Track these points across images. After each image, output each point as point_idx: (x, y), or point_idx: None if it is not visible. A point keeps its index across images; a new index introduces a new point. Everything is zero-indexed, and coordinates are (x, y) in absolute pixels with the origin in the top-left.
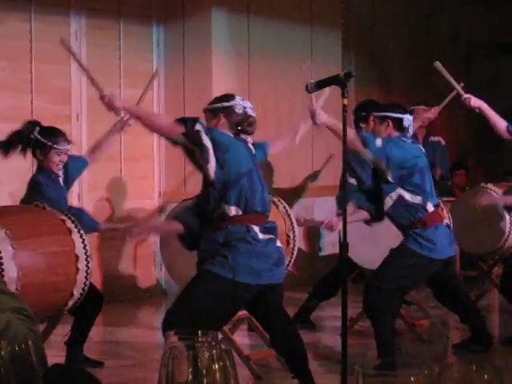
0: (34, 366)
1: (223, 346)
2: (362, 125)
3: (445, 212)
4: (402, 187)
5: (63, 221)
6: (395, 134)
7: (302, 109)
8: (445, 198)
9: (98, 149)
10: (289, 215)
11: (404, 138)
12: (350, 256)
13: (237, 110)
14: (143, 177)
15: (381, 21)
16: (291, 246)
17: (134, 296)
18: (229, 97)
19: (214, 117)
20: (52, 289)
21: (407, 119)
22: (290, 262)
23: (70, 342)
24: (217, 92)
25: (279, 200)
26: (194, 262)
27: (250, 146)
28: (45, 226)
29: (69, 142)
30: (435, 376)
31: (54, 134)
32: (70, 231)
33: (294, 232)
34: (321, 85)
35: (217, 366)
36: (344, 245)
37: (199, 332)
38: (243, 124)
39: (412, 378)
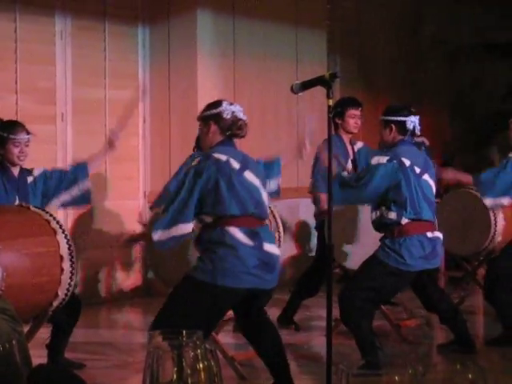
0: (18, 366)
1: (207, 346)
2: (338, 121)
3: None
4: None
5: (48, 221)
6: (399, 137)
7: (287, 109)
8: None
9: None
10: (274, 216)
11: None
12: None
13: (225, 116)
14: (128, 177)
15: (366, 22)
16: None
17: (118, 297)
18: (216, 103)
19: (205, 125)
20: (36, 289)
21: (411, 121)
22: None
23: (50, 347)
24: (202, 93)
25: None
26: (180, 263)
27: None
28: (29, 227)
29: (28, 132)
30: (419, 376)
31: (11, 126)
32: (55, 232)
33: (279, 233)
34: (306, 85)
35: (201, 366)
36: (330, 246)
37: (183, 332)
38: (233, 128)
39: (396, 378)
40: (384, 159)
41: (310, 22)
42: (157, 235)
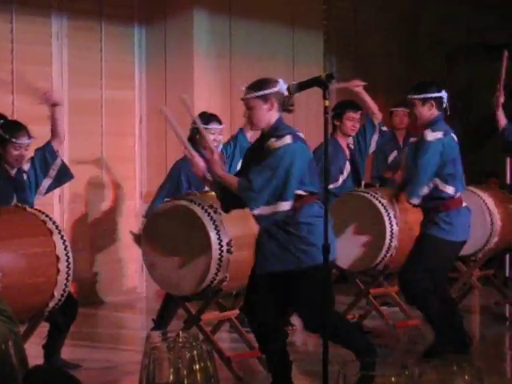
0: (15, 367)
1: (204, 347)
2: (336, 122)
3: None
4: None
5: (44, 222)
6: (437, 113)
7: None
8: None
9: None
10: None
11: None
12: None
13: (283, 92)
14: (125, 178)
15: (363, 22)
16: None
17: (115, 297)
18: (272, 81)
19: (266, 102)
20: (33, 290)
21: (445, 96)
22: None
23: (47, 347)
24: (198, 93)
25: None
26: (174, 263)
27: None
28: (26, 227)
29: (30, 136)
30: (416, 376)
31: (14, 128)
32: (51, 232)
33: None
34: (302, 86)
35: (198, 367)
36: (326, 246)
37: (180, 333)
38: (287, 104)
39: (393, 379)
40: (439, 134)
41: (306, 22)
42: (258, 210)
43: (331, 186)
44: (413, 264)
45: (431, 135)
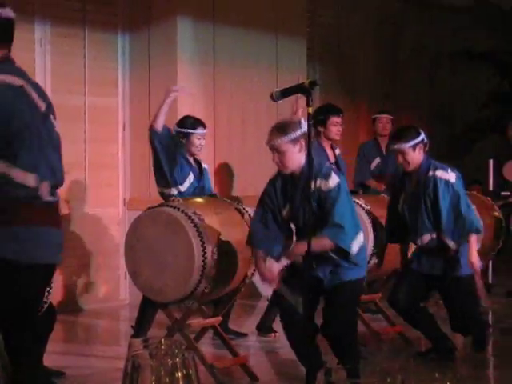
0: None
1: (186, 354)
2: (320, 128)
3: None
4: None
5: None
6: (424, 155)
7: (267, 117)
8: None
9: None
10: None
11: None
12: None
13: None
14: (108, 185)
15: (346, 30)
16: None
17: (97, 304)
18: (299, 123)
19: (296, 144)
20: None
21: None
22: (254, 271)
23: None
24: (182, 100)
25: (244, 208)
26: (158, 270)
27: None
28: None
29: None
30: (399, 383)
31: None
32: None
33: None
34: (286, 93)
35: (180, 374)
36: (308, 254)
37: (163, 340)
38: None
39: None
40: (453, 176)
41: (289, 29)
42: (354, 247)
43: None
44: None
45: (450, 175)
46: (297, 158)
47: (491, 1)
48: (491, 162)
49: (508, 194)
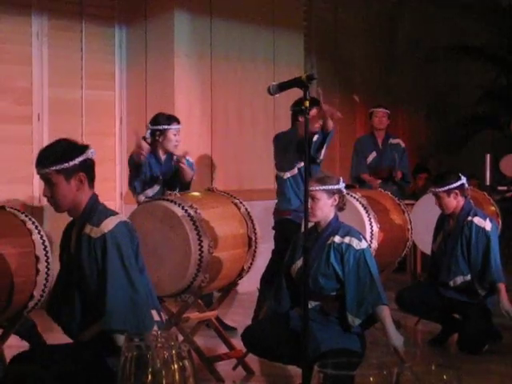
0: None
1: (183, 347)
2: (301, 119)
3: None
4: None
5: (23, 222)
6: (464, 200)
7: (264, 111)
8: (407, 201)
9: None
10: (250, 217)
11: None
12: None
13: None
14: (104, 178)
15: (343, 24)
16: (253, 248)
17: None
18: (338, 179)
19: (330, 197)
20: (12, 290)
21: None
22: (251, 264)
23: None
24: (179, 94)
25: (241, 202)
26: (154, 263)
27: None
28: (5, 227)
29: None
30: (394, 376)
31: None
32: (31, 232)
33: (255, 234)
34: (283, 87)
35: (176, 367)
36: (306, 247)
37: (159, 332)
38: (343, 203)
39: (371, 379)
40: (489, 225)
41: (286, 23)
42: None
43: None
44: None
45: (487, 224)
46: (328, 209)
47: None
48: (488, 156)
49: (505, 188)
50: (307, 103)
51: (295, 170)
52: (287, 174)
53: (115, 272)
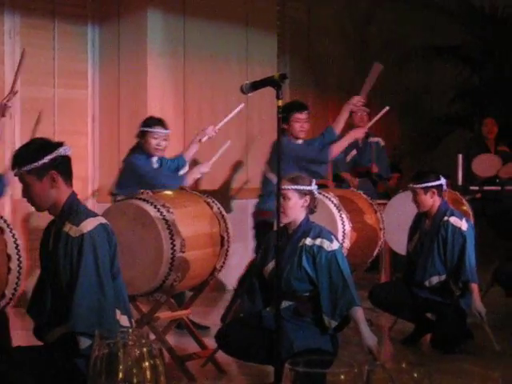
0: None
1: (154, 345)
2: (285, 126)
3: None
4: None
5: None
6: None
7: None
8: (379, 201)
9: None
10: (223, 216)
11: None
12: None
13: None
14: (77, 177)
15: (316, 23)
16: (225, 247)
17: None
18: (310, 180)
19: (302, 197)
20: None
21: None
22: (223, 263)
23: None
24: (152, 92)
25: (213, 201)
26: (127, 262)
27: None
28: None
29: None
30: (365, 374)
31: None
32: (2, 230)
33: (228, 233)
34: (256, 86)
35: (147, 364)
36: (278, 246)
37: (129, 330)
38: (314, 205)
39: (342, 376)
40: (465, 225)
41: (260, 22)
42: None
43: None
44: None
45: (463, 224)
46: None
47: None
48: (460, 156)
49: (477, 188)
50: (280, 102)
51: None
52: None
53: (87, 275)
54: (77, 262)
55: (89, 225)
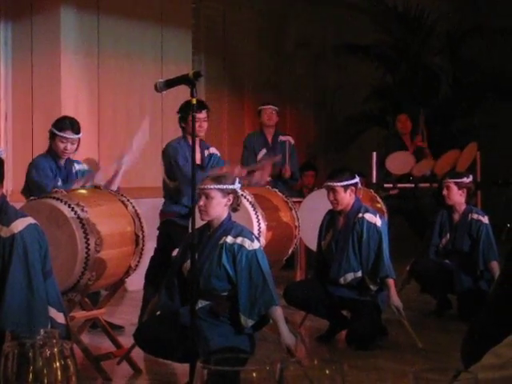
0: None
1: (65, 345)
2: (183, 124)
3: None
4: None
5: None
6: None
7: (152, 108)
8: (294, 199)
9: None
10: (138, 215)
11: None
12: None
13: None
14: None
15: (232, 22)
16: (140, 246)
17: None
18: (234, 179)
19: (225, 196)
20: None
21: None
22: (138, 262)
23: None
24: (65, 91)
25: (128, 200)
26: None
27: None
28: None
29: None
30: (278, 372)
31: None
32: None
33: (143, 232)
34: (170, 84)
35: (58, 365)
36: (192, 245)
37: (42, 331)
38: (237, 204)
39: (254, 374)
40: (379, 221)
41: (175, 21)
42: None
43: None
44: None
45: (377, 220)
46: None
47: None
48: (374, 154)
49: (390, 185)
50: (194, 100)
51: None
52: None
53: (17, 274)
54: (7, 263)
55: (19, 225)
